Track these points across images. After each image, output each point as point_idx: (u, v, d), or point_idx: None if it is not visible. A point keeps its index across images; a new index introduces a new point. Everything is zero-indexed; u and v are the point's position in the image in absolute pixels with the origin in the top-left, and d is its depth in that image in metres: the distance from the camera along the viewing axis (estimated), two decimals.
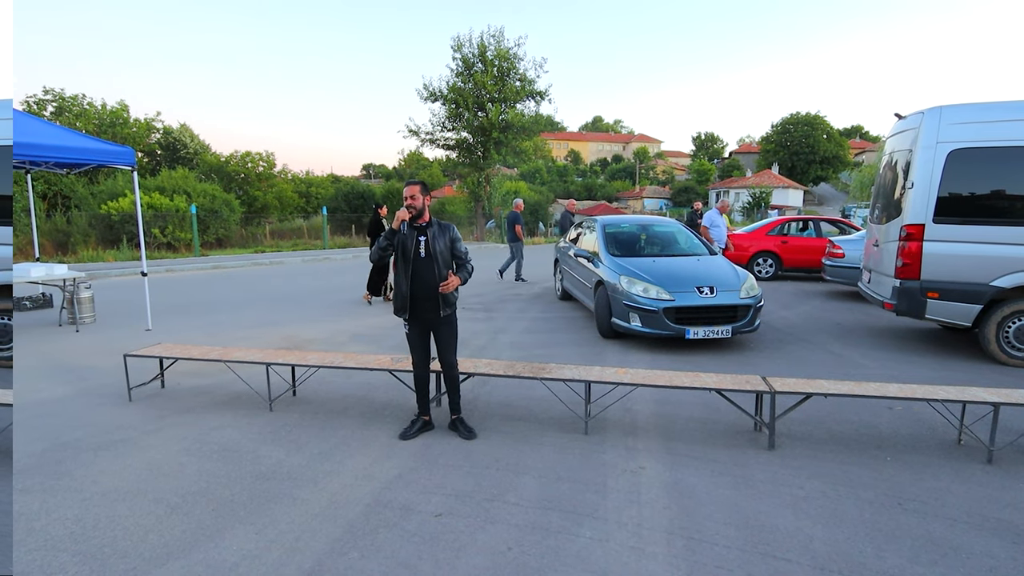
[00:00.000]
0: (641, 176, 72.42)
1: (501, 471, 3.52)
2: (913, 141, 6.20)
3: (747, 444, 3.92)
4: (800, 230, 13.09)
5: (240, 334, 7.46)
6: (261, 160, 34.48)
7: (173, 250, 21.56)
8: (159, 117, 36.14)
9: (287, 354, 4.85)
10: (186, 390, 5.16)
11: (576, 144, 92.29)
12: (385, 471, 3.52)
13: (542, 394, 4.78)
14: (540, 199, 42.49)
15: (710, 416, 4.43)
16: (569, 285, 9.28)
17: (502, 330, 7.62)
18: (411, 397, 4.60)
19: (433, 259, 3.85)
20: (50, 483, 3.39)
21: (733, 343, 6.77)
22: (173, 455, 3.78)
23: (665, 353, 6.35)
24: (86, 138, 7.64)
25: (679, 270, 6.86)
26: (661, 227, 8.63)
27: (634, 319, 6.44)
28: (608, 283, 6.92)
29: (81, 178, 25.80)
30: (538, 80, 27.88)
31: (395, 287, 3.94)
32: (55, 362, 6.13)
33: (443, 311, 3.93)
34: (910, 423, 4.31)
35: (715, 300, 6.32)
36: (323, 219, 24.39)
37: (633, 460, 3.66)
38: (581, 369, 4.32)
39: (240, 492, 3.27)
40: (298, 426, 4.27)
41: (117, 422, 4.38)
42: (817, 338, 7.06)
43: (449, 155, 30.53)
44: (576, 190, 63.12)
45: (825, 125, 63.52)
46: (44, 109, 29.84)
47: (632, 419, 4.38)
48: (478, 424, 4.25)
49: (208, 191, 24.94)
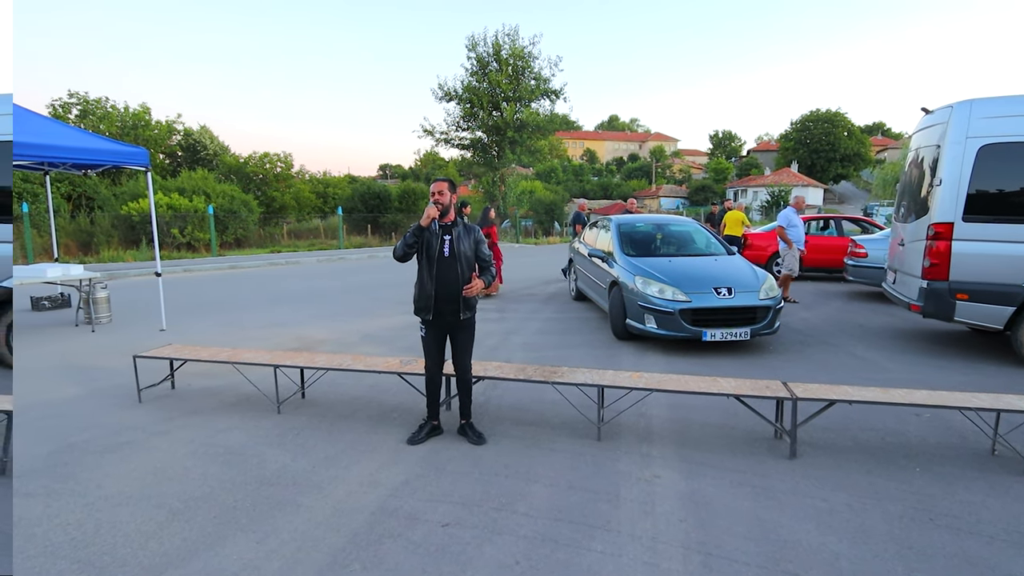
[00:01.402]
0: (658, 175, 71.78)
1: (511, 479, 3.41)
2: (941, 136, 5.97)
3: (767, 452, 3.76)
4: (821, 229, 12.78)
5: (252, 334, 7.45)
6: (279, 161, 34.77)
7: (193, 250, 21.80)
8: (180, 119, 36.60)
9: (295, 356, 4.79)
10: (196, 391, 5.13)
11: (592, 143, 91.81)
12: (392, 477, 3.43)
13: (554, 398, 4.66)
14: (555, 198, 42.27)
15: (727, 422, 4.27)
16: (583, 285, 9.14)
17: (514, 331, 7.51)
18: (420, 400, 4.51)
19: (457, 260, 3.76)
20: (54, 486, 3.36)
21: (751, 345, 6.58)
22: (179, 458, 3.73)
23: (681, 356, 6.19)
24: (101, 139, 7.68)
25: (696, 270, 6.69)
26: (677, 226, 8.46)
27: (649, 321, 6.29)
28: (623, 284, 6.77)
29: (104, 179, 26.22)
30: (553, 79, 27.75)
31: (418, 286, 3.85)
32: (68, 362, 6.15)
33: (463, 314, 3.82)
34: (940, 431, 4.12)
35: (733, 301, 6.15)
36: (339, 219, 24.47)
37: (648, 468, 3.53)
38: (594, 373, 4.19)
39: (243, 498, 3.20)
40: (305, 429, 4.21)
41: (125, 423, 4.35)
42: (839, 340, 6.84)
43: (464, 155, 30.52)
44: (592, 189, 62.78)
45: (846, 122, 62.41)
46: (69, 112, 30.37)
47: (647, 424, 4.24)
48: (488, 429, 4.15)
49: (227, 192, 25.19)
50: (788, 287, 9.31)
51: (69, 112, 30.28)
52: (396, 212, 30.36)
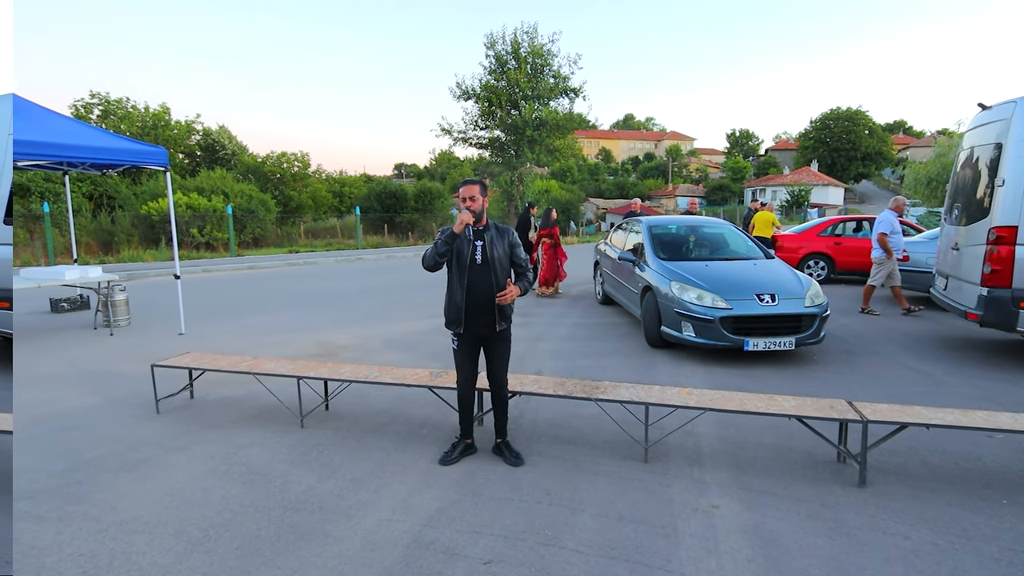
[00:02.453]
0: (674, 174, 71.00)
1: (554, 507, 3.13)
2: (1002, 133, 5.58)
3: (832, 479, 3.44)
4: (855, 231, 12.32)
5: (272, 339, 7.25)
6: (296, 160, 34.87)
7: (211, 249, 21.82)
8: (199, 119, 36.84)
9: (319, 366, 4.56)
10: (215, 402, 4.92)
11: (607, 142, 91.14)
12: (425, 504, 3.17)
13: (593, 412, 4.38)
14: (571, 198, 41.96)
15: (783, 443, 3.96)
16: (611, 289, 8.84)
17: (541, 337, 7.23)
18: (451, 415, 4.26)
19: (490, 267, 3.47)
20: (67, 509, 3.14)
21: (795, 355, 6.23)
22: (197, 478, 3.50)
23: (721, 366, 5.87)
24: (120, 139, 7.54)
25: (735, 275, 6.35)
26: (711, 228, 8.11)
27: (687, 329, 5.97)
28: (656, 289, 6.46)
29: (125, 179, 26.40)
30: (572, 76, 27.37)
31: (448, 297, 3.56)
32: (86, 368, 5.99)
33: (499, 325, 3.54)
34: (1018, 455, 3.76)
35: (777, 309, 5.80)
36: (356, 219, 24.36)
37: (703, 496, 3.23)
38: (639, 388, 3.90)
39: (267, 526, 2.96)
40: (330, 446, 3.97)
41: (143, 437, 4.15)
42: (887, 350, 6.46)
43: (482, 154, 30.27)
44: (607, 189, 62.25)
45: (867, 120, 61.17)
46: (91, 112, 30.66)
47: (695, 444, 3.94)
48: (524, 447, 3.87)
49: (245, 191, 25.24)
50: (869, 298, 8.52)
51: (91, 112, 30.57)
52: (412, 212, 30.25)
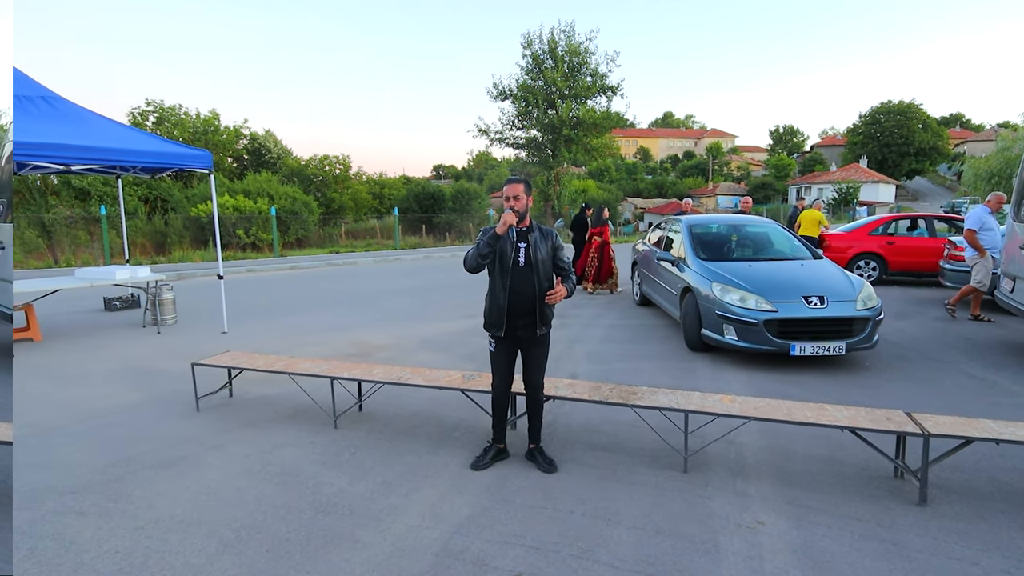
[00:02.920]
0: (714, 173, 69.39)
1: (588, 517, 3.01)
2: None
3: (888, 495, 3.21)
4: (909, 229, 11.71)
5: (311, 338, 7.35)
6: (338, 163, 35.56)
7: (257, 250, 22.43)
8: (246, 124, 37.98)
9: (353, 367, 4.55)
10: (253, 400, 4.99)
11: (645, 141, 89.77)
12: (455, 510, 3.10)
13: (630, 418, 4.23)
14: (609, 197, 41.51)
15: (833, 454, 3.73)
16: (649, 290, 8.62)
17: (577, 339, 7.09)
18: (483, 418, 4.19)
19: (533, 269, 3.38)
20: (107, 505, 3.21)
21: (844, 361, 5.92)
22: (233, 477, 3.53)
23: (764, 370, 5.62)
24: (167, 143, 7.77)
25: (781, 276, 6.08)
26: (754, 227, 7.80)
27: (729, 332, 5.74)
28: (697, 290, 6.25)
29: (177, 183, 27.42)
30: (609, 74, 27.03)
31: (490, 299, 3.48)
32: (132, 365, 6.18)
33: (540, 329, 3.45)
34: None
35: (826, 312, 5.52)
36: (395, 220, 24.66)
37: (747, 511, 3.06)
38: (678, 395, 3.74)
39: (298, 528, 2.94)
40: (363, 447, 3.95)
41: (182, 434, 4.22)
42: (947, 356, 6.07)
43: (518, 154, 30.22)
44: (645, 188, 61.31)
45: (921, 114, 58.36)
46: (147, 119, 32.00)
47: (738, 454, 3.76)
48: (558, 453, 3.77)
49: (289, 193, 25.88)
50: (978, 303, 7.81)
51: (147, 119, 31.90)
52: (450, 212, 30.46)
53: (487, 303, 3.51)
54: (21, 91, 6.72)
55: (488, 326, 3.51)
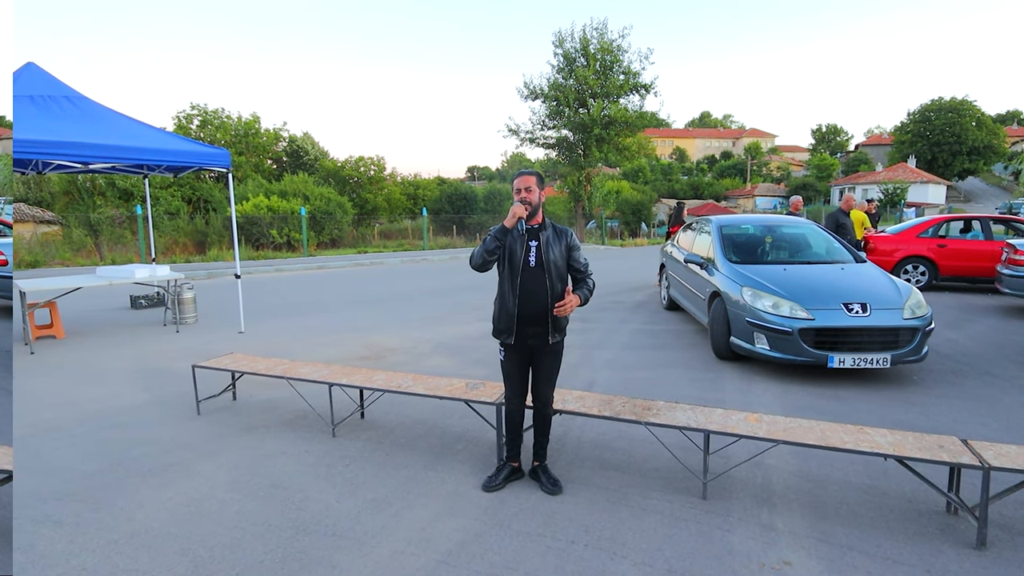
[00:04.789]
0: (753, 173, 67.51)
1: (591, 549, 2.71)
2: None
3: (939, 535, 2.80)
4: (962, 231, 10.93)
5: (324, 339, 7.21)
6: (372, 164, 35.87)
7: (292, 249, 22.73)
8: (285, 126, 38.78)
9: (353, 372, 4.34)
10: (256, 404, 4.84)
11: (681, 141, 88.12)
12: (446, 535, 2.84)
13: (646, 433, 3.89)
14: (643, 198, 40.71)
15: (875, 483, 3.32)
16: (677, 294, 8.21)
17: (598, 345, 6.75)
18: (488, 430, 3.94)
19: (545, 270, 3.09)
20: (87, 515, 3.06)
21: (889, 375, 5.43)
22: (219, 488, 3.35)
23: (799, 383, 5.19)
24: (187, 141, 7.76)
25: (818, 281, 5.62)
26: (790, 228, 7.32)
27: (760, 340, 5.33)
28: (726, 295, 5.84)
29: (218, 183, 28.06)
30: (643, 72, 26.44)
31: (499, 304, 3.20)
32: (147, 364, 6.14)
33: (552, 337, 3.16)
34: None
35: (869, 320, 5.05)
36: (423, 221, 24.65)
37: (772, 548, 2.70)
38: (698, 411, 3.39)
39: (274, 549, 2.72)
40: (358, 459, 3.72)
41: (179, 439, 4.08)
42: (1006, 371, 5.51)
43: (549, 154, 29.88)
44: (681, 189, 60.06)
45: (975, 111, 55.36)
46: (191, 123, 32.92)
47: (765, 479, 3.38)
48: (565, 471, 3.47)
49: (324, 194, 26.17)
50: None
51: (191, 122, 32.81)
52: (482, 213, 30.35)
53: (496, 307, 3.24)
54: (45, 91, 6.77)
55: (497, 332, 3.23)
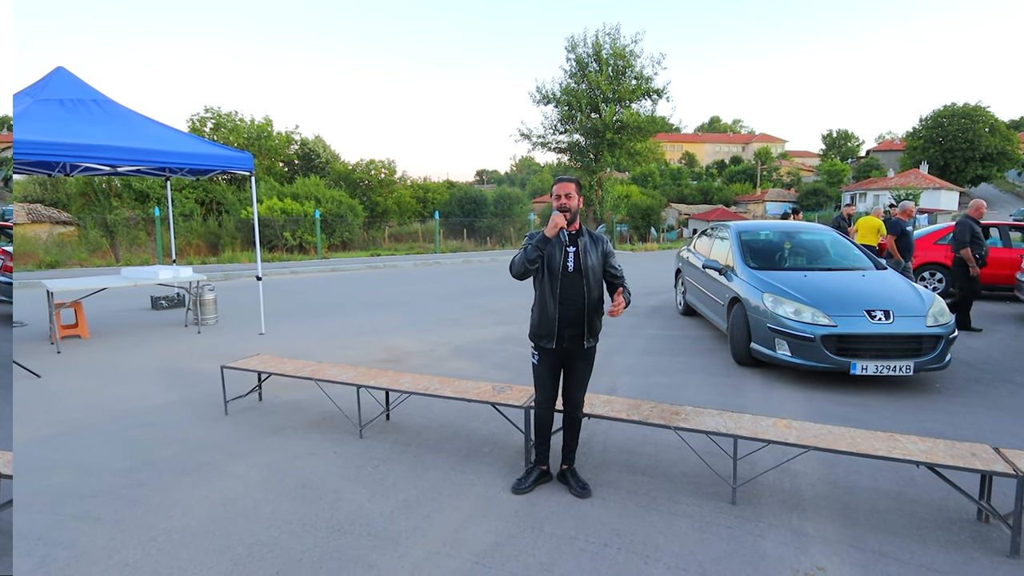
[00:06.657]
0: (763, 178, 67.24)
1: (624, 552, 2.73)
2: None
3: (972, 542, 2.80)
4: None
5: (344, 342, 7.28)
6: (383, 167, 36.09)
7: (304, 251, 22.91)
8: (297, 129, 39.07)
9: (380, 375, 4.39)
10: (282, 405, 4.90)
11: (691, 146, 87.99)
12: (479, 536, 2.87)
13: (672, 439, 3.92)
14: (652, 203, 40.69)
15: (903, 490, 3.32)
16: (693, 299, 8.21)
17: (616, 350, 6.77)
18: (514, 433, 3.97)
19: (583, 276, 3.14)
20: (124, 512, 3.12)
21: (910, 382, 5.42)
22: (252, 487, 3.40)
23: (821, 390, 5.18)
24: (211, 144, 7.86)
25: (840, 288, 5.62)
26: (809, 234, 7.32)
27: (781, 347, 5.33)
28: (746, 301, 5.85)
29: (231, 186, 28.33)
30: (655, 77, 26.47)
31: (539, 309, 3.24)
32: (171, 365, 6.22)
33: (587, 342, 3.23)
34: None
35: (893, 328, 5.04)
36: (435, 224, 24.77)
37: (804, 553, 2.71)
38: (726, 417, 3.41)
39: (311, 548, 2.77)
40: (386, 461, 3.77)
41: (208, 439, 4.15)
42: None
43: (560, 159, 29.94)
44: (690, 194, 59.94)
45: (988, 117, 54.80)
46: (204, 125, 33.26)
47: (794, 485, 3.39)
48: (592, 475, 3.49)
49: (335, 197, 26.37)
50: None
51: (204, 125, 33.14)
52: (492, 217, 30.43)
53: (535, 313, 3.27)
54: (73, 94, 6.90)
55: (536, 336, 3.27)
